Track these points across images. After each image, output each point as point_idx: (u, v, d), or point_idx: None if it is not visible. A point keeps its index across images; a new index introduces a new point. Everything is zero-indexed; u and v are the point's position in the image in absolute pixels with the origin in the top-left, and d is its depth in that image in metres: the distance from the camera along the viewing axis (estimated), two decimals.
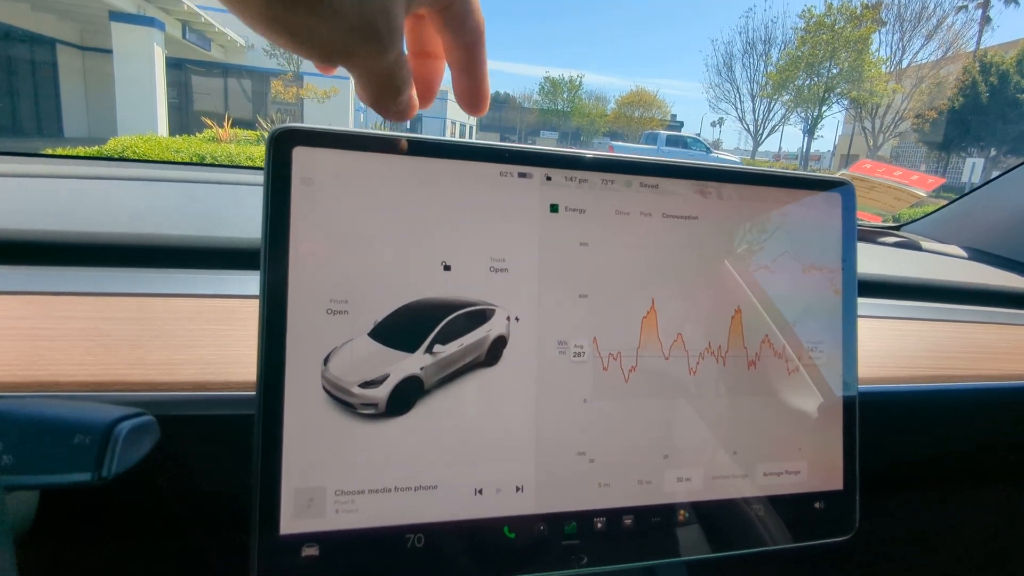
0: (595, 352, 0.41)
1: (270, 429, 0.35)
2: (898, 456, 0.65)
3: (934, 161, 22.22)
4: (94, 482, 0.26)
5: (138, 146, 6.29)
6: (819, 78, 17.43)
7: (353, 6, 0.27)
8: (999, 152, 17.82)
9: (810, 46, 17.07)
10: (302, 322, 0.35)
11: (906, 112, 19.78)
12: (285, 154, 0.35)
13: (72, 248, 0.52)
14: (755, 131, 25.39)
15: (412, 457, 0.37)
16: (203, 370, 0.42)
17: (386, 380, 0.37)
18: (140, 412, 0.30)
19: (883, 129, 20.11)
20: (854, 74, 16.92)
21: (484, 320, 0.39)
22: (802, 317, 0.46)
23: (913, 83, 19.74)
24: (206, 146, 7.06)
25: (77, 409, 0.28)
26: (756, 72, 24.67)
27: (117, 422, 0.27)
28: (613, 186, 0.42)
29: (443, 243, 0.38)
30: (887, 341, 0.65)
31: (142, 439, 0.29)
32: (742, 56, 25.53)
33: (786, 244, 0.46)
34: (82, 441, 0.26)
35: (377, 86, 0.32)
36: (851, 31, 16.25)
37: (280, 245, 0.35)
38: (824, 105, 18.09)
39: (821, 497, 0.46)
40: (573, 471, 0.40)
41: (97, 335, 0.43)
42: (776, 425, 0.45)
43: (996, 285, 0.81)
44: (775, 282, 0.45)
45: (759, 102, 24.44)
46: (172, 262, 0.53)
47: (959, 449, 0.68)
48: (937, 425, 0.64)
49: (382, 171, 0.37)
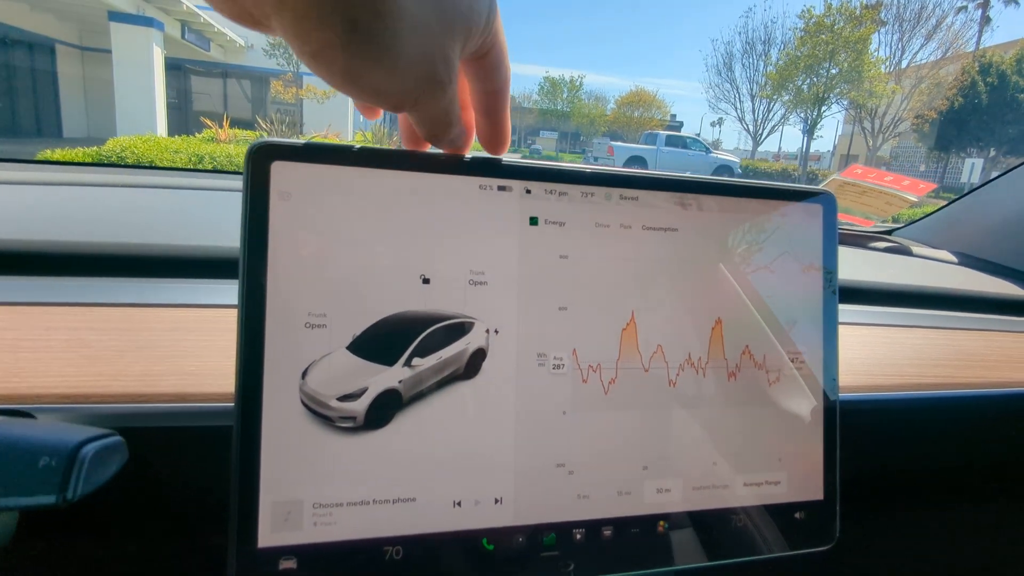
0: (575, 364, 0.41)
1: (248, 442, 0.35)
2: (885, 465, 0.65)
3: (934, 161, 22.21)
4: (59, 504, 0.26)
5: (137, 147, 6.28)
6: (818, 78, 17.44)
7: (420, 58, 0.29)
8: (998, 152, 17.83)
9: (809, 46, 17.07)
10: (280, 336, 0.35)
11: (905, 112, 19.79)
12: (263, 168, 0.36)
13: (55, 258, 0.52)
14: (755, 131, 25.40)
15: (390, 470, 0.37)
16: (183, 381, 0.42)
17: (364, 393, 0.37)
18: (108, 432, 0.30)
19: (882, 129, 20.11)
20: (853, 74, 16.92)
21: (463, 333, 0.39)
22: (783, 327, 0.46)
23: (912, 83, 19.75)
24: (205, 146, 7.05)
25: (44, 430, 0.28)
26: (756, 72, 24.69)
27: (83, 444, 0.27)
28: (593, 199, 0.42)
29: (422, 256, 0.38)
30: (874, 348, 0.65)
31: (109, 460, 0.29)
32: (742, 56, 25.56)
33: (766, 255, 0.46)
34: (48, 463, 0.26)
35: (433, 123, 0.34)
36: (850, 31, 16.25)
37: (258, 259, 0.35)
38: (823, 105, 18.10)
39: (802, 507, 0.46)
40: (552, 483, 0.40)
41: (79, 346, 0.43)
42: (756, 435, 0.45)
43: (985, 291, 0.81)
44: (756, 293, 0.45)
45: (759, 102, 24.46)
46: (157, 271, 0.53)
47: (946, 458, 0.68)
48: (923, 434, 0.64)
49: (361, 184, 0.37)
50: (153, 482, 0.44)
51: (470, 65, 0.35)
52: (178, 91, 15.56)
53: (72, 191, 0.67)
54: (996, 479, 0.75)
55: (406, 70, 0.28)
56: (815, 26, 16.88)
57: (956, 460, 0.69)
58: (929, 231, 1.10)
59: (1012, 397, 0.64)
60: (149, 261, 0.54)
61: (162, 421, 0.41)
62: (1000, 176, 1.03)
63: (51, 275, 0.50)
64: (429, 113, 0.33)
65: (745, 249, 0.45)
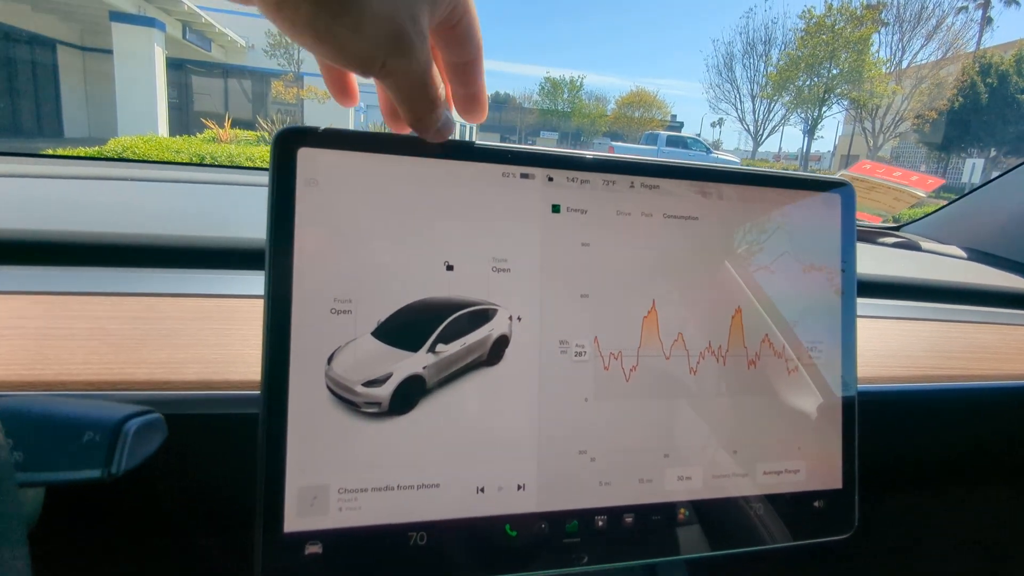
0: (596, 352, 0.41)
1: (274, 427, 0.35)
2: (900, 455, 0.65)
3: (934, 161, 22.22)
4: (104, 478, 0.26)
5: (138, 146, 6.29)
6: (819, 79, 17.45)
7: (386, 13, 0.28)
8: (999, 152, 17.83)
9: (810, 47, 17.08)
10: (306, 322, 0.36)
11: (906, 113, 19.79)
12: (289, 155, 0.36)
13: (79, 248, 0.52)
14: (755, 131, 25.40)
15: (415, 456, 0.37)
16: (205, 369, 0.43)
17: (389, 379, 0.37)
18: (148, 409, 0.30)
19: (883, 130, 20.12)
20: (854, 75, 16.93)
21: (486, 320, 0.39)
22: (802, 317, 0.46)
23: (913, 84, 19.75)
24: (206, 146, 7.07)
25: (87, 407, 0.28)
26: (756, 73, 24.69)
27: (126, 419, 0.27)
28: (615, 187, 0.42)
29: (446, 243, 0.38)
30: (888, 341, 0.65)
31: (151, 436, 0.29)
32: (742, 56, 25.57)
33: (786, 244, 0.46)
34: (92, 438, 0.26)
35: (411, 96, 0.33)
36: (851, 32, 16.26)
37: (284, 245, 0.35)
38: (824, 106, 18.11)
39: (820, 496, 0.46)
40: (574, 470, 0.41)
41: (103, 334, 0.44)
42: (776, 424, 0.45)
43: (995, 285, 0.81)
44: (775, 282, 0.45)
45: (759, 102, 24.46)
46: (178, 262, 0.54)
47: (960, 448, 0.68)
48: (938, 424, 0.64)
49: (386, 171, 0.37)
50: (178, 468, 0.44)
51: (441, 35, 0.35)
52: (179, 91, 15.57)
53: (96, 184, 0.67)
54: (1008, 469, 0.75)
55: (372, 24, 0.28)
56: (816, 26, 16.90)
57: (971, 449, 0.69)
58: (937, 227, 1.10)
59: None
60: (171, 252, 0.54)
61: (186, 408, 0.41)
62: (1007, 172, 1.03)
63: (76, 265, 0.51)
64: (403, 81, 0.32)
65: (764, 238, 0.45)
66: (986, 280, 0.83)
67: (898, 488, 0.68)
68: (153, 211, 0.61)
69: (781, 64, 19.71)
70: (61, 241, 0.52)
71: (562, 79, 35.52)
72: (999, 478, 0.76)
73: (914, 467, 0.68)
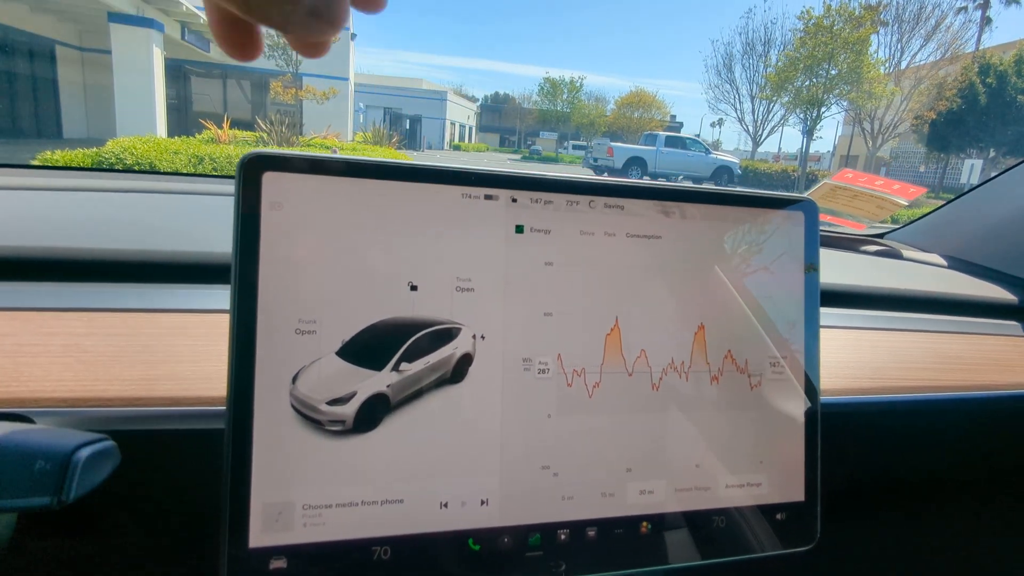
0: (559, 369, 0.42)
1: (240, 445, 0.36)
2: (868, 467, 0.66)
3: (934, 162, 22.24)
4: (54, 506, 0.27)
5: (136, 147, 6.29)
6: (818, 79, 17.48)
7: None
8: (998, 153, 17.85)
9: (809, 47, 17.11)
10: (271, 342, 0.37)
11: (905, 113, 19.81)
12: (255, 179, 0.37)
13: (55, 263, 0.53)
14: (754, 132, 25.42)
15: (379, 472, 0.38)
16: (178, 385, 0.43)
17: (353, 397, 0.38)
18: (101, 437, 0.31)
19: (882, 131, 20.14)
20: (853, 76, 16.96)
21: (450, 338, 0.40)
22: (765, 333, 0.47)
23: (912, 84, 19.77)
24: (205, 147, 7.07)
25: (41, 435, 0.29)
26: (755, 73, 24.71)
27: (77, 448, 0.28)
28: (578, 207, 0.43)
29: (410, 264, 0.39)
30: (860, 352, 0.66)
31: (102, 464, 0.30)
32: (741, 57, 25.56)
33: (749, 261, 0.47)
34: (43, 467, 0.27)
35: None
36: (849, 33, 16.29)
37: (250, 268, 0.36)
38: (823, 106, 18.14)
39: (783, 508, 0.47)
40: (537, 484, 0.42)
41: (78, 351, 0.44)
42: (738, 438, 0.46)
43: (969, 295, 0.82)
44: (738, 299, 0.46)
45: (758, 103, 24.48)
46: (155, 277, 0.54)
47: (928, 460, 0.69)
48: (905, 436, 0.65)
49: (350, 195, 0.38)
50: (149, 484, 0.45)
51: None
52: (178, 92, 15.58)
53: (69, 196, 0.68)
54: (977, 481, 0.76)
55: None
56: (814, 27, 16.92)
57: (938, 462, 0.70)
58: (920, 234, 1.11)
59: (992, 400, 0.65)
60: (147, 266, 0.55)
61: (157, 424, 0.42)
62: (988, 181, 1.04)
63: (50, 280, 0.51)
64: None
65: (728, 256, 0.46)
66: (961, 289, 0.84)
67: (866, 500, 0.69)
68: (131, 224, 0.61)
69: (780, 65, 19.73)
70: (40, 257, 0.53)
71: (561, 79, 35.62)
72: (967, 490, 0.77)
73: (882, 479, 0.69)
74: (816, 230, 0.49)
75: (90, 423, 0.41)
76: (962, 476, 0.75)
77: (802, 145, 20.68)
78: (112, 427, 0.42)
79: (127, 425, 0.42)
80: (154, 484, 0.45)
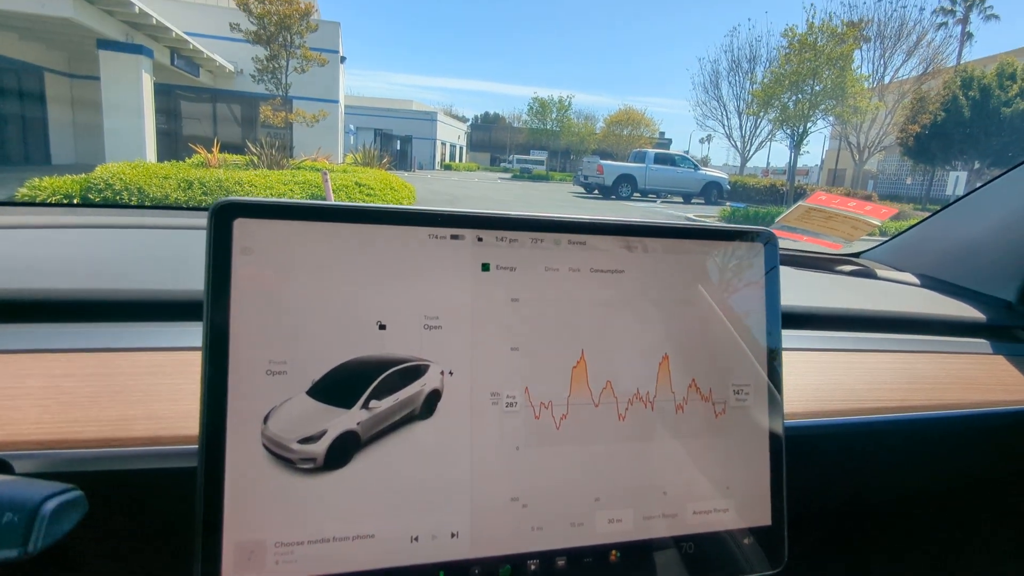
0: (527, 402, 0.43)
1: (212, 485, 0.37)
2: (838, 488, 0.67)
3: (919, 174, 22.52)
4: (21, 558, 0.28)
5: (125, 173, 6.31)
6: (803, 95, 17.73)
7: None
8: (982, 165, 18.10)
9: (794, 64, 17.37)
10: (243, 384, 0.38)
11: (890, 127, 20.10)
12: (226, 226, 0.38)
13: (30, 305, 0.54)
14: (743, 147, 25.68)
15: (350, 508, 0.39)
16: (155, 425, 0.44)
17: (324, 436, 0.39)
18: (68, 488, 0.32)
19: (868, 144, 20.41)
20: (837, 91, 17.21)
21: (419, 375, 0.41)
22: (728, 361, 0.48)
23: (896, 98, 20.09)
24: (195, 172, 7.08)
25: (7, 487, 0.30)
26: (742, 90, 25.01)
27: (45, 500, 0.29)
28: (542, 244, 0.44)
29: (378, 303, 0.40)
30: (832, 374, 0.67)
31: (69, 514, 0.31)
32: (728, 74, 25.88)
33: (711, 292, 0.48)
34: (11, 519, 0.28)
35: None
36: (833, 48, 16.57)
37: (222, 312, 0.37)
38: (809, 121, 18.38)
39: (750, 533, 0.48)
40: (507, 516, 0.42)
41: (57, 392, 0.45)
42: (704, 465, 0.47)
43: (939, 314, 0.84)
44: (701, 329, 0.48)
45: (746, 119, 24.77)
46: (132, 315, 0.55)
47: (897, 480, 0.71)
48: (874, 457, 0.66)
49: (319, 238, 0.40)
50: (126, 523, 0.45)
51: None
52: (168, 116, 15.61)
53: (41, 234, 0.68)
54: (946, 500, 0.77)
55: None
56: (798, 44, 17.19)
57: (908, 482, 0.71)
58: (895, 253, 1.13)
59: (959, 418, 0.66)
60: (124, 305, 0.55)
61: (134, 464, 0.43)
62: (959, 200, 1.07)
63: (26, 322, 0.52)
64: None
65: (690, 287, 0.48)
66: (933, 308, 0.85)
67: (837, 522, 0.70)
68: (105, 262, 0.62)
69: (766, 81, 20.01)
70: (13, 299, 0.53)
71: (550, 99, 35.96)
72: (936, 509, 0.78)
73: (853, 501, 0.70)
74: (776, 258, 0.51)
75: (68, 464, 0.42)
76: (931, 496, 0.76)
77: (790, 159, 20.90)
78: (89, 468, 0.42)
79: (105, 465, 0.43)
80: (131, 523, 0.46)
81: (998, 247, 0.95)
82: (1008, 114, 16.93)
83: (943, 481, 0.75)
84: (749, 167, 32.08)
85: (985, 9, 28.60)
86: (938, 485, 0.75)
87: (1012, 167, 0.97)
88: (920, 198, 20.94)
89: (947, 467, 0.73)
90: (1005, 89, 17.21)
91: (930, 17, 23.93)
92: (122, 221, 0.76)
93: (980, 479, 0.77)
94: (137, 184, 6.21)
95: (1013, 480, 0.79)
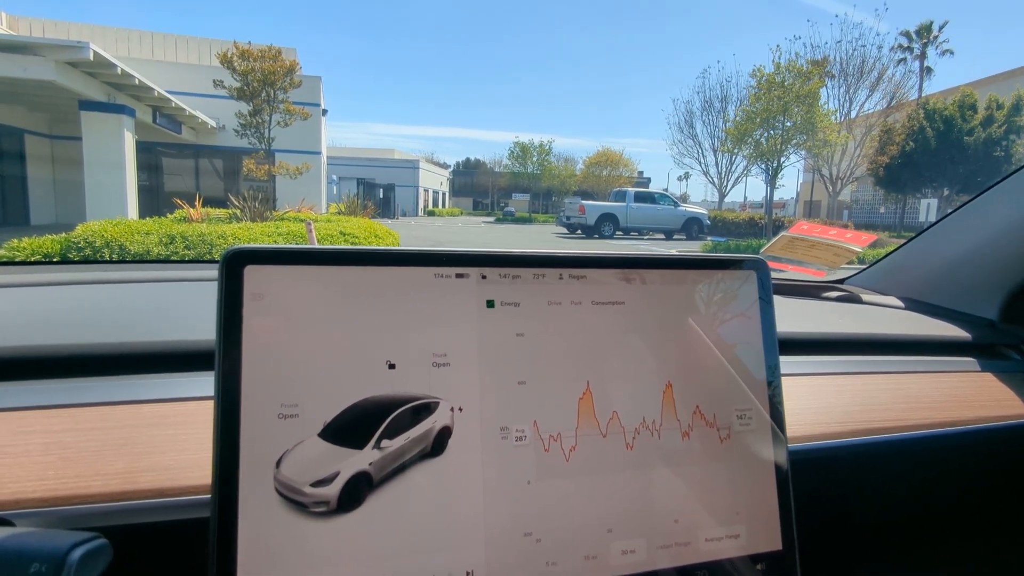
0: (536, 435, 0.44)
1: (225, 532, 0.37)
2: (844, 511, 0.67)
3: (892, 203, 23.08)
4: None
5: (107, 231, 6.28)
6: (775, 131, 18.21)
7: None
8: (951, 192, 18.62)
9: (764, 102, 17.89)
10: (255, 428, 0.38)
11: (859, 159, 20.67)
12: (237, 272, 0.39)
13: (31, 362, 0.53)
14: (720, 183, 26.22)
15: (364, 550, 0.39)
16: (161, 476, 0.44)
17: (336, 478, 0.39)
18: (93, 536, 0.32)
19: (840, 176, 20.94)
20: (807, 126, 17.69)
21: (429, 413, 0.41)
22: (729, 386, 0.49)
23: (863, 132, 20.71)
24: (177, 227, 7.07)
25: (35, 538, 0.30)
26: (716, 128, 25.67)
27: (71, 549, 0.29)
28: (544, 279, 0.45)
29: (387, 344, 0.41)
30: (827, 398, 0.68)
31: (95, 562, 0.30)
32: (701, 114, 26.59)
33: (708, 319, 0.49)
34: (39, 570, 0.28)
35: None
36: (800, 87, 17.12)
37: (233, 358, 0.38)
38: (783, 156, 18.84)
39: (762, 558, 0.48)
40: (521, 552, 0.42)
41: (59, 448, 0.45)
42: (714, 491, 0.48)
43: (927, 335, 0.86)
44: (701, 356, 0.49)
45: (721, 156, 25.35)
46: (132, 368, 0.55)
47: (901, 499, 0.71)
48: (876, 477, 0.67)
49: (328, 281, 0.40)
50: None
51: None
52: (150, 173, 15.65)
53: (42, 291, 0.69)
54: (952, 517, 0.78)
55: None
56: (767, 83, 17.75)
57: (913, 501, 0.72)
58: (877, 277, 1.16)
59: (958, 435, 0.67)
60: (124, 359, 0.55)
61: (141, 517, 0.43)
62: (933, 225, 1.10)
63: (27, 379, 0.52)
64: None
65: (688, 316, 0.49)
66: (919, 329, 0.87)
67: (845, 545, 0.70)
68: (105, 316, 0.62)
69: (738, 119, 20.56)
70: (15, 356, 0.53)
71: (531, 143, 36.52)
72: (943, 526, 0.78)
73: (860, 522, 0.70)
74: (769, 284, 0.52)
75: (74, 521, 0.42)
76: (937, 513, 0.77)
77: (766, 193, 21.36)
78: (95, 523, 0.42)
79: (111, 520, 0.42)
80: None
81: (975, 268, 0.98)
82: (971, 142, 17.53)
83: (945, 499, 0.76)
84: (727, 202, 32.66)
85: (940, 44, 29.86)
86: (941, 502, 0.76)
87: (981, 191, 1.01)
88: (894, 225, 21.41)
89: (950, 484, 0.73)
90: (967, 119, 17.86)
91: (889, 54, 24.90)
92: (119, 276, 0.76)
93: (982, 494, 0.78)
94: (119, 241, 6.18)
95: (1016, 493, 0.80)
